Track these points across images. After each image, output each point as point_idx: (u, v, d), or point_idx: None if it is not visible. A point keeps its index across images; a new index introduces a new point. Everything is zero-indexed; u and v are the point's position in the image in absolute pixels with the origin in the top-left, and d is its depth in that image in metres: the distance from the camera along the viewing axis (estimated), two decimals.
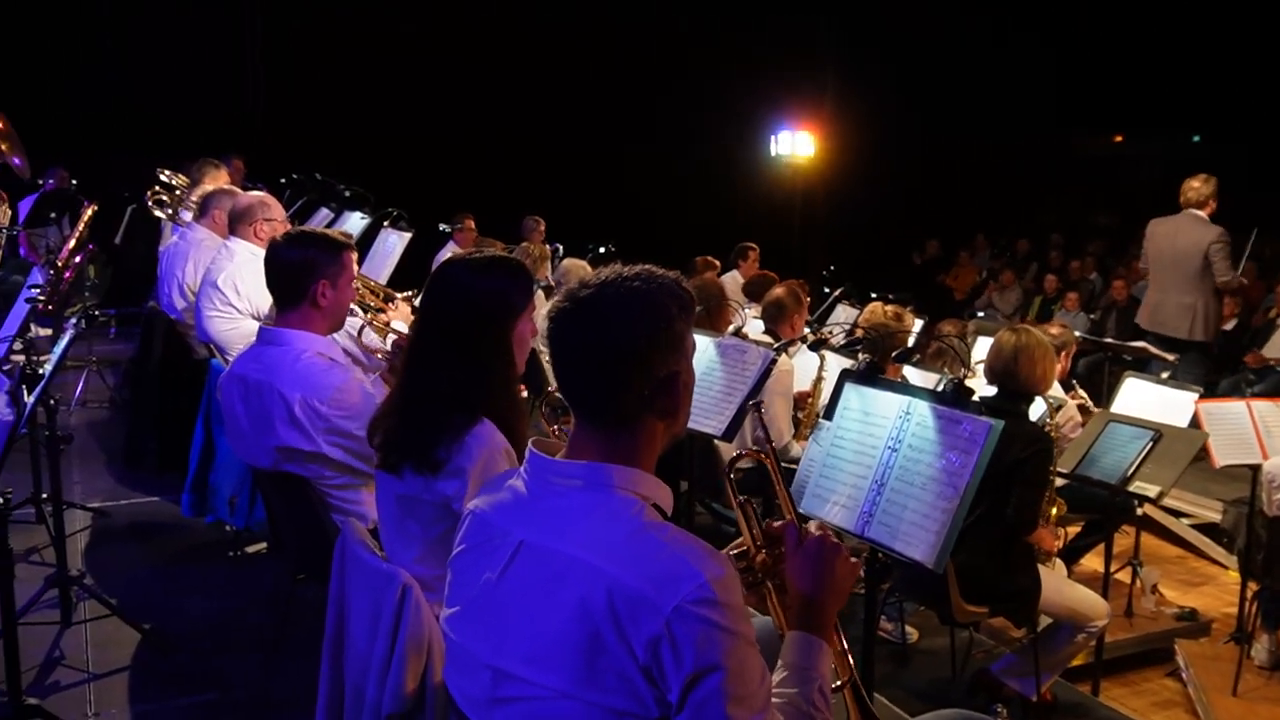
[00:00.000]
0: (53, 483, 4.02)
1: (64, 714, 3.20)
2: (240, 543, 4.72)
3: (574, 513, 1.65)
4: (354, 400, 3.00)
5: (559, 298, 1.73)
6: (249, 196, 4.70)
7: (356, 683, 2.46)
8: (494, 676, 1.65)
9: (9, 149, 7.99)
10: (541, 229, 9.76)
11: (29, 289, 4.62)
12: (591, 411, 1.71)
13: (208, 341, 4.68)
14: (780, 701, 1.74)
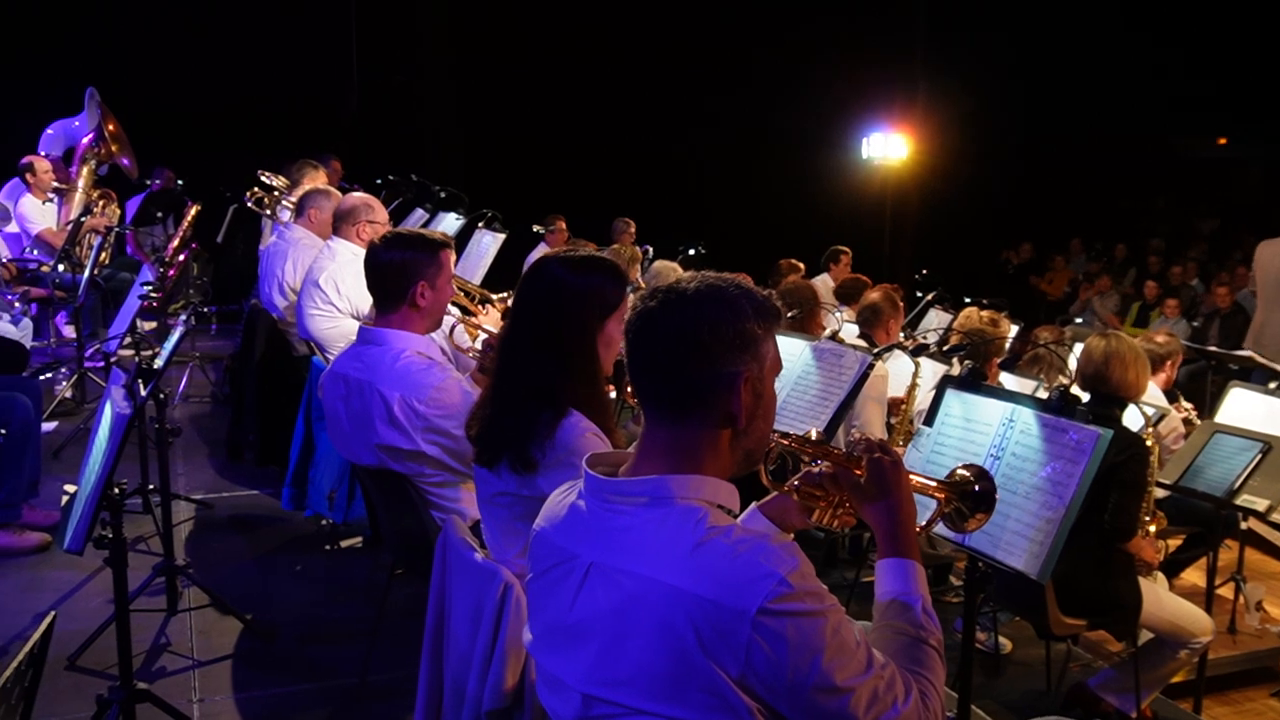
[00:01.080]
0: (161, 475, 4.13)
1: (170, 699, 3.28)
2: (337, 537, 4.81)
3: (639, 531, 1.63)
4: (452, 399, 3.04)
5: (642, 292, 1.74)
6: (354, 198, 4.79)
7: (456, 678, 2.49)
8: (584, 700, 1.65)
9: (118, 150, 8.27)
10: (632, 231, 9.80)
11: (140, 286, 4.76)
12: (655, 405, 1.71)
13: (308, 339, 4.79)
14: (886, 638, 1.73)
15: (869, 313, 5.23)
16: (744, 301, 1.69)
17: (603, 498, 1.70)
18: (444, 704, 2.61)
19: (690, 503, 1.64)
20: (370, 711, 3.53)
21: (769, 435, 1.80)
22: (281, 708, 3.56)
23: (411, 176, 8.09)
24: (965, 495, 2.03)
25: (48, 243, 7.74)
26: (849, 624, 1.57)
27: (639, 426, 3.03)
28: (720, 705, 1.53)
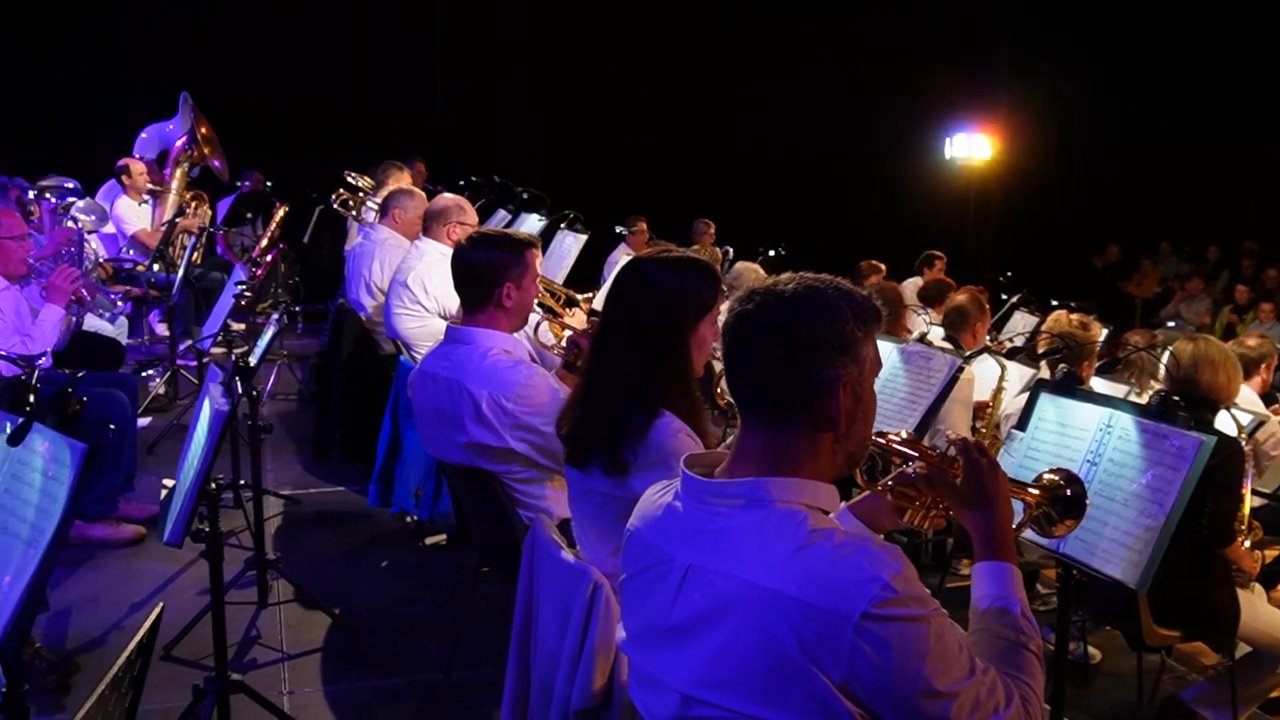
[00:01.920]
0: (253, 471, 4.22)
1: (261, 690, 3.34)
2: (421, 534, 4.87)
3: (738, 533, 1.62)
4: (539, 397, 3.06)
5: (739, 294, 1.73)
6: (445, 198, 4.85)
7: (544, 676, 2.50)
8: (682, 701, 1.65)
9: (210, 152, 8.46)
10: (712, 232, 9.79)
11: (235, 285, 4.86)
12: (752, 408, 1.70)
13: (396, 338, 4.85)
14: (985, 642, 1.71)
15: (955, 315, 5.16)
16: (843, 303, 1.67)
17: (700, 499, 1.70)
18: (530, 702, 2.63)
19: (790, 506, 1.62)
20: (456, 708, 3.56)
21: (869, 437, 1.78)
22: (369, 702, 3.61)
23: (494, 178, 8.17)
24: (1055, 500, 2.00)
25: (142, 243, 7.94)
26: (951, 628, 1.56)
27: (717, 428, 3.02)
28: (821, 710, 1.52)
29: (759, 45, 12.94)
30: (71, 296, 4.75)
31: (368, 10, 12.02)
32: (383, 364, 5.32)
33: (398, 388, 4.56)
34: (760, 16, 12.99)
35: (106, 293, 5.03)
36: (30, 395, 2.00)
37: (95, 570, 4.50)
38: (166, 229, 7.48)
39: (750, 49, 12.89)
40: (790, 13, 13.16)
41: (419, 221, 5.38)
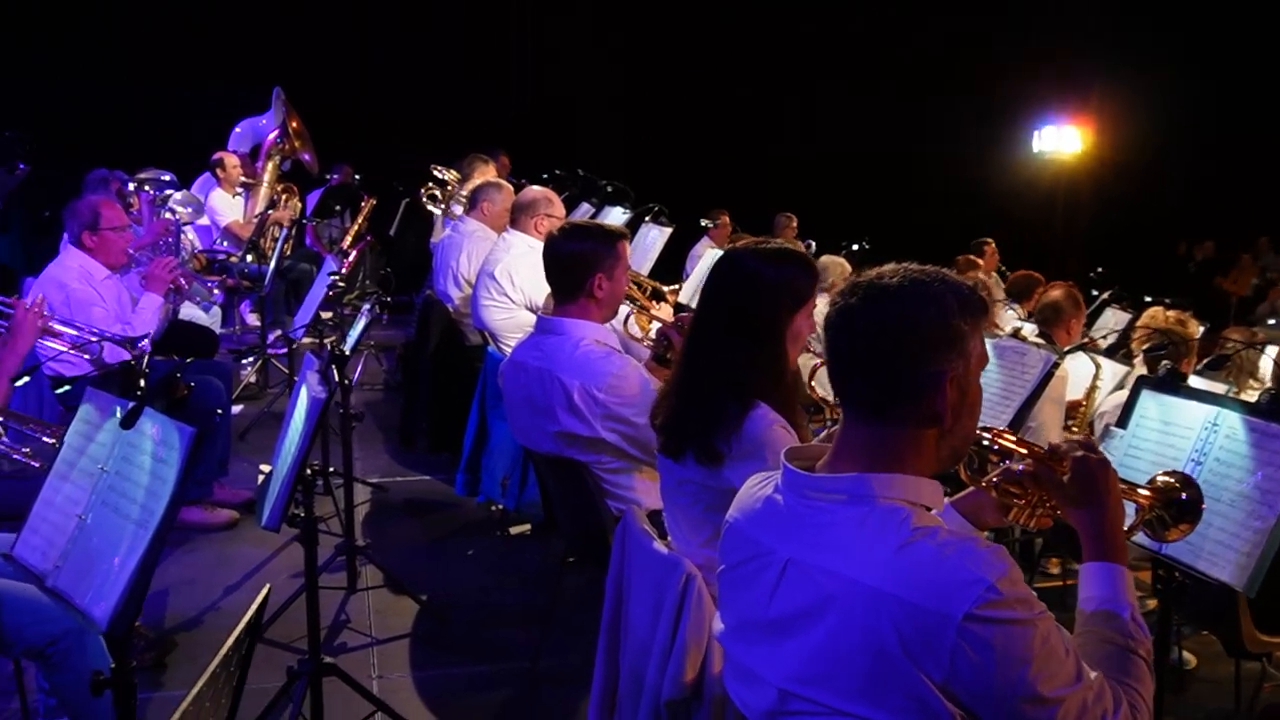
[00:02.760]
0: (344, 458, 4.28)
1: (351, 673, 3.39)
2: (506, 523, 4.91)
3: (839, 529, 1.60)
4: (630, 387, 3.07)
5: (841, 287, 1.70)
6: (533, 191, 4.88)
7: (634, 666, 2.50)
8: (780, 696, 1.63)
9: (301, 146, 8.62)
10: (794, 226, 9.73)
11: (328, 275, 4.95)
12: (854, 403, 1.68)
13: (483, 329, 4.89)
14: (1092, 646, 1.67)
15: (1049, 311, 5.05)
16: (949, 296, 1.63)
17: (801, 493, 1.68)
18: (619, 691, 2.63)
19: (893, 502, 1.60)
20: (543, 696, 3.59)
21: (975, 432, 1.75)
22: (457, 688, 3.65)
23: (578, 171, 8.19)
24: (1170, 503, 1.94)
25: (235, 234, 8.11)
26: (1058, 633, 1.52)
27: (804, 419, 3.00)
28: (920, 710, 1.50)
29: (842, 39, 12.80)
30: (170, 285, 4.86)
31: (450, 5, 12.13)
32: (469, 355, 5.38)
33: (485, 378, 4.61)
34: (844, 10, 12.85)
35: (203, 282, 5.14)
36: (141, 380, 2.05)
37: (191, 553, 4.60)
38: (259, 221, 7.63)
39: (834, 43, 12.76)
40: (874, 6, 13.00)
41: (506, 214, 5.43)
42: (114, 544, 2.01)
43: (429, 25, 11.89)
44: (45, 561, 2.15)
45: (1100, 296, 8.21)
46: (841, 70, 12.76)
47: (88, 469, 2.17)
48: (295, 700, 3.07)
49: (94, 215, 4.69)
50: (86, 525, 2.10)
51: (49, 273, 4.73)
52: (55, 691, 2.85)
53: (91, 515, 2.10)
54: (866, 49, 12.88)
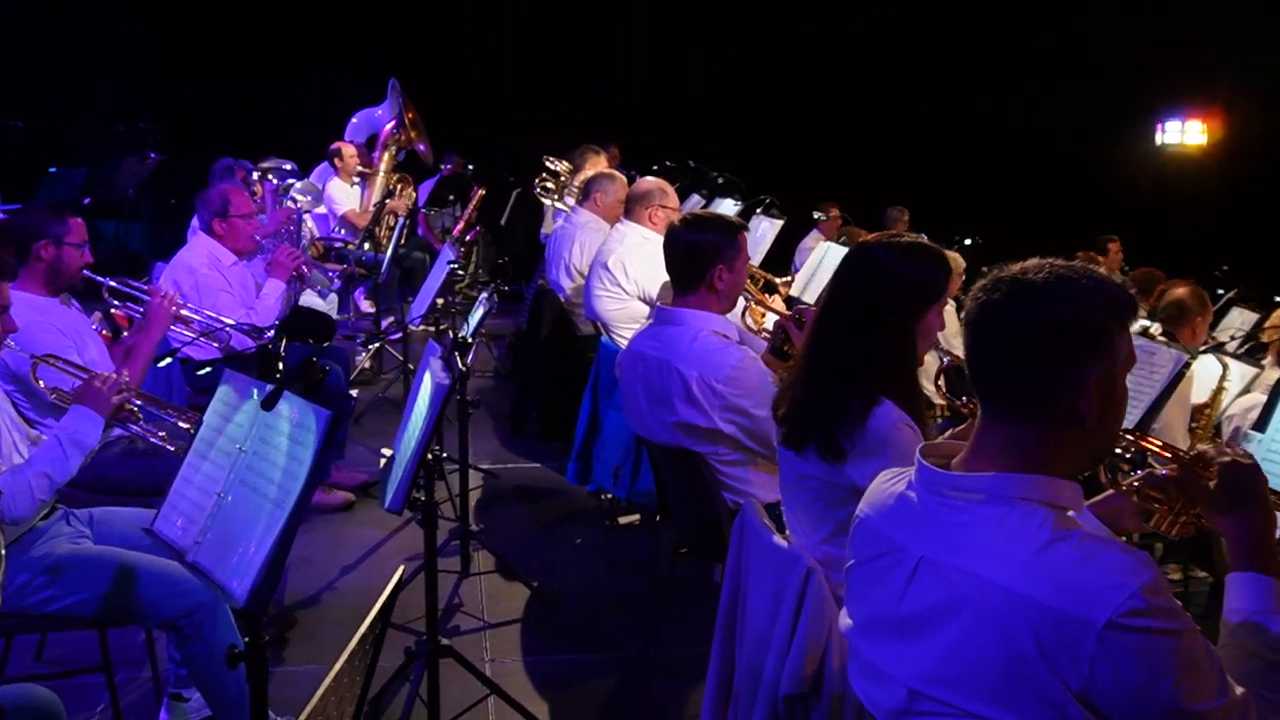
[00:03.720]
0: (460, 444, 4.35)
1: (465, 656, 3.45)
2: (615, 513, 4.94)
3: (976, 528, 1.57)
4: (750, 379, 3.06)
5: (984, 282, 1.66)
6: (648, 182, 4.89)
7: (752, 659, 2.50)
8: (909, 695, 1.61)
9: (416, 136, 8.77)
10: (906, 220, 9.58)
11: (446, 264, 5.03)
12: (994, 401, 1.64)
13: (595, 320, 4.92)
14: (1237, 660, 1.61)
15: (1174, 310, 4.88)
16: (1097, 293, 1.58)
17: (936, 490, 1.65)
18: (735, 683, 2.63)
19: (1031, 503, 1.56)
20: (654, 685, 3.60)
21: (1118, 435, 1.70)
22: (568, 674, 3.69)
23: (689, 162, 8.19)
24: None
25: (351, 223, 8.29)
26: (1204, 645, 1.47)
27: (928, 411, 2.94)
28: (1057, 716, 1.46)
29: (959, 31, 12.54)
30: (292, 272, 4.98)
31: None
32: (581, 344, 5.41)
33: (598, 368, 4.63)
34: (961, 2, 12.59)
35: (324, 270, 5.26)
36: (279, 364, 2.11)
37: (309, 533, 4.72)
38: (375, 210, 7.79)
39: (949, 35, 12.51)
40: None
41: (619, 205, 5.45)
42: (252, 522, 2.07)
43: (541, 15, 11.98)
44: (185, 537, 2.23)
45: (1225, 295, 7.91)
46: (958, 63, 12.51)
47: (226, 448, 2.24)
48: (413, 681, 3.13)
49: (224, 203, 4.83)
50: (225, 503, 2.17)
51: (179, 258, 4.90)
52: (186, 662, 2.95)
53: (230, 494, 2.17)
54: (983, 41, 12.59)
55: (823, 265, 6.15)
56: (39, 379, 3.32)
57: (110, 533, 3.12)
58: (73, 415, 3.01)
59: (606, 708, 3.50)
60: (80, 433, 2.96)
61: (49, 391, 3.31)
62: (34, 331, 3.20)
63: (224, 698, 2.91)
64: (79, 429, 2.97)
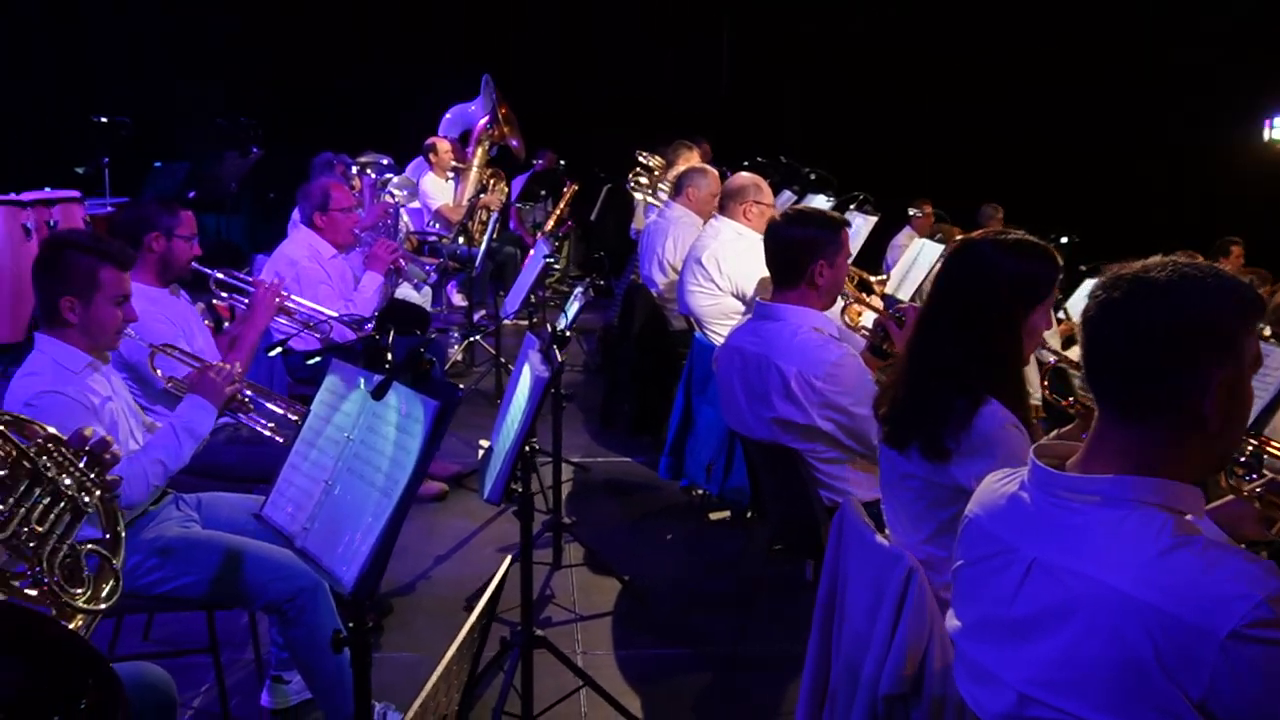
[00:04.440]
0: (554, 437, 4.38)
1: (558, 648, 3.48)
2: (706, 508, 4.93)
3: (1092, 531, 1.53)
4: (849, 377, 3.03)
5: (1104, 279, 1.62)
6: (743, 177, 4.87)
7: (850, 658, 2.48)
8: (1019, 699, 1.58)
9: (509, 132, 8.84)
10: (999, 217, 9.40)
11: (543, 258, 5.07)
12: (1112, 402, 1.59)
13: (688, 315, 4.91)
14: None
15: None
16: (1223, 292, 1.53)
17: (1051, 492, 1.62)
18: (832, 682, 2.61)
19: (1151, 507, 1.52)
20: (746, 681, 3.58)
21: (1241, 439, 1.65)
22: (660, 668, 3.69)
23: (780, 158, 8.13)
24: None
25: (445, 217, 8.39)
26: None
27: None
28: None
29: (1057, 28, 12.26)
30: (390, 265, 5.06)
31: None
32: (673, 339, 5.42)
33: (692, 363, 4.63)
34: None
35: (420, 263, 5.33)
36: (387, 354, 2.14)
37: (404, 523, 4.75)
38: (469, 205, 7.87)
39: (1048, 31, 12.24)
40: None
41: (712, 199, 5.44)
42: (359, 510, 2.10)
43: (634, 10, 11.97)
44: (294, 523, 2.27)
45: None
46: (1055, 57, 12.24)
47: (334, 437, 2.28)
48: (508, 671, 3.16)
49: (324, 197, 4.93)
50: (333, 491, 2.21)
51: (281, 251, 5.00)
52: (288, 645, 3.02)
53: (337, 481, 2.20)
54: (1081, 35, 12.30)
55: (917, 262, 6.08)
56: (156, 368, 3.42)
57: (216, 517, 3.20)
58: (187, 404, 3.10)
59: (699, 704, 3.49)
60: (194, 422, 3.04)
61: (165, 380, 3.42)
62: (146, 321, 3.29)
63: (324, 680, 2.97)
64: (193, 418, 3.05)
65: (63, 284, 2.88)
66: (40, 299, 2.93)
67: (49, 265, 2.91)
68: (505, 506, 4.89)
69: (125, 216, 3.88)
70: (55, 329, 2.90)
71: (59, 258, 2.90)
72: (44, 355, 2.88)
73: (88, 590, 1.91)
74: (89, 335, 2.91)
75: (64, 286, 2.88)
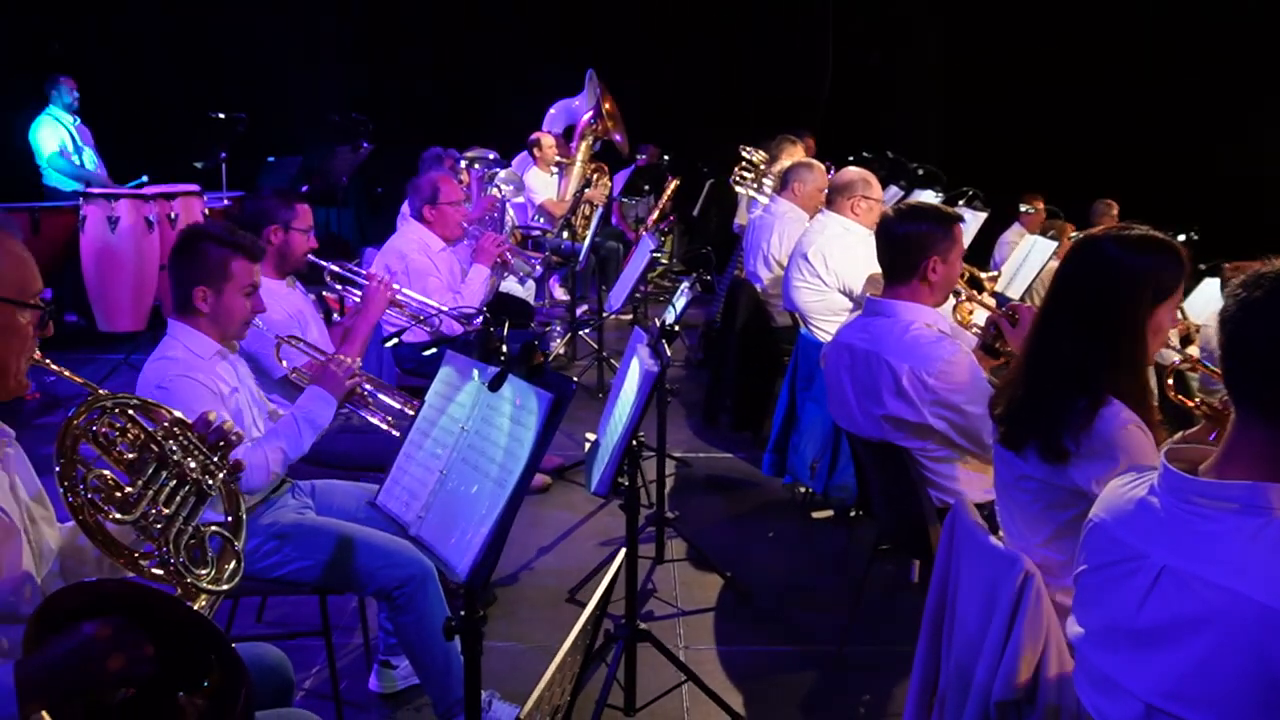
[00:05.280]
0: (658, 432, 4.39)
1: None
2: (809, 506, 4.89)
3: (1228, 539, 1.48)
4: (962, 374, 2.97)
5: (1244, 278, 1.56)
6: (851, 172, 4.82)
7: (961, 662, 2.43)
8: (1146, 710, 1.53)
9: (613, 127, 8.87)
10: (1114, 214, 9.13)
11: (649, 253, 5.08)
12: (1252, 405, 1.53)
13: (793, 311, 4.88)
14: None
15: None
16: None
17: (1183, 497, 1.57)
18: (941, 685, 2.57)
19: None
20: (851, 681, 3.54)
21: None
22: (763, 665, 3.66)
23: (886, 153, 8.03)
24: None
25: (549, 212, 8.47)
26: None
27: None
28: None
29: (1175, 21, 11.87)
30: (496, 259, 5.12)
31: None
32: (777, 335, 5.39)
33: (797, 359, 4.59)
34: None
35: (526, 257, 5.39)
36: (502, 347, 2.17)
37: None
38: (574, 199, 7.93)
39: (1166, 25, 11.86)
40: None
41: (818, 194, 5.40)
42: (473, 500, 2.13)
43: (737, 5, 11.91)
44: (408, 512, 2.31)
45: None
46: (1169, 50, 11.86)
47: (448, 427, 2.31)
48: (611, 663, 3.17)
49: (434, 190, 5.00)
50: (447, 480, 2.24)
51: (391, 244, 5.09)
52: (397, 631, 3.07)
53: (452, 471, 2.24)
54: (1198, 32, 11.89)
55: (1028, 260, 5.95)
56: (282, 359, 3.51)
57: (330, 504, 3.28)
58: (309, 396, 3.18)
59: (805, 703, 3.46)
60: (315, 413, 3.12)
61: (289, 370, 3.51)
62: (266, 312, 3.36)
63: (431, 667, 3.02)
64: (314, 409, 3.13)
65: (196, 274, 2.97)
66: (174, 287, 3.02)
67: (184, 255, 3.00)
68: (607, 500, 4.95)
69: (245, 210, 3.98)
70: (187, 317, 2.99)
71: (194, 248, 2.99)
72: (176, 341, 2.97)
73: (211, 571, 1.96)
74: (218, 324, 3.00)
75: (197, 276, 2.97)
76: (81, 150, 8.13)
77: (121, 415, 1.97)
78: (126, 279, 6.83)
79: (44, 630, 1.64)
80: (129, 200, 6.83)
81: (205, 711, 1.71)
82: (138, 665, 1.64)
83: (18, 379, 1.85)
